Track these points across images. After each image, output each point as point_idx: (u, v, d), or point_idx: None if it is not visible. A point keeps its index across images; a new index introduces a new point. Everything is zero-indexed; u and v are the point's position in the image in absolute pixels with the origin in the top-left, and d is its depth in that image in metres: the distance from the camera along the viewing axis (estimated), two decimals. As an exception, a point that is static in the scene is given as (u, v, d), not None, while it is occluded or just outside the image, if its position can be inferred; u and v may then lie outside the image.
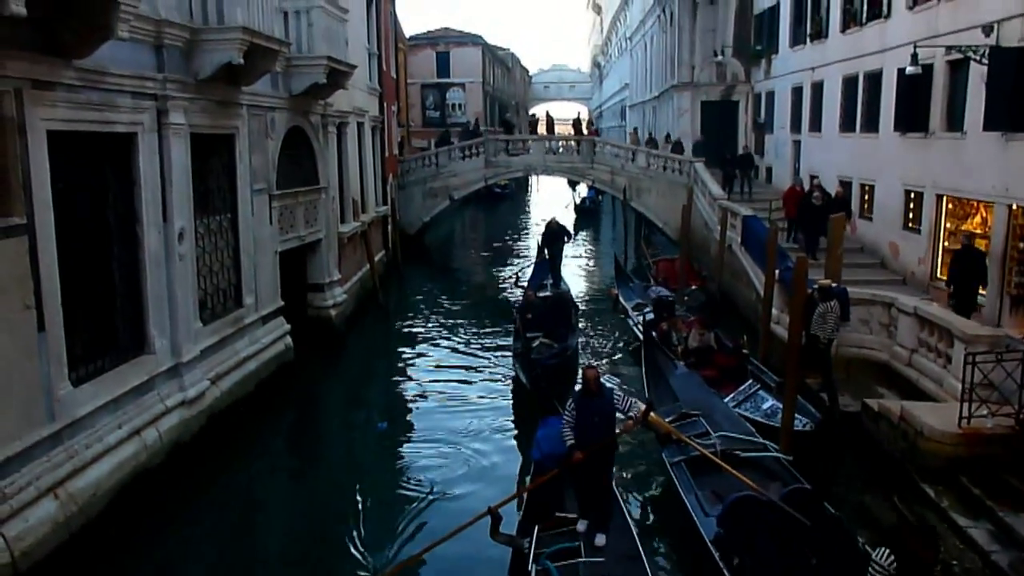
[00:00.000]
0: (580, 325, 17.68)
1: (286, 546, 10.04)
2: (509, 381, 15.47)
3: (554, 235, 23.13)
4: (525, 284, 20.61)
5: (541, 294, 18.78)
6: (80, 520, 8.74)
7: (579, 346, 16.53)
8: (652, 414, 10.45)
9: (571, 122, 38.03)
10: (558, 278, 22.37)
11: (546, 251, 23.14)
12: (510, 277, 26.32)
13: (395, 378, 16.60)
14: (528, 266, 24.97)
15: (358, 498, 10.90)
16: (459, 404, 14.58)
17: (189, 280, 11.69)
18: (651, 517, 10.55)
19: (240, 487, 11.40)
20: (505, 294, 24.26)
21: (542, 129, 41.33)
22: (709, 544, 8.06)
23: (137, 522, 9.57)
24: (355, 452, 13.16)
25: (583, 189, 46.95)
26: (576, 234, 25.11)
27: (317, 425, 14.33)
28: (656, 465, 11.02)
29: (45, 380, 8.56)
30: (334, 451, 13.26)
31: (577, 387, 9.91)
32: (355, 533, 9.91)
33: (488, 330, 19.64)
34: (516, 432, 13.21)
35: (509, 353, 16.50)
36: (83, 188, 9.59)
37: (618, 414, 8.69)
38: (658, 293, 18.63)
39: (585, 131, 36.14)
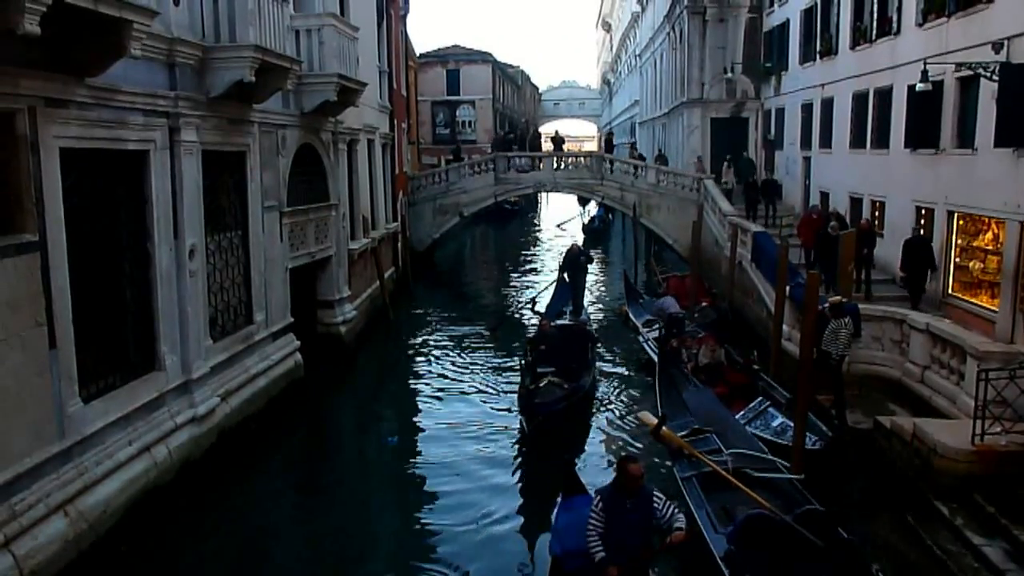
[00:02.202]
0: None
1: (296, 565, 9.99)
2: (517, 405, 15.06)
3: (575, 261, 21.97)
4: (542, 311, 19.79)
5: (558, 322, 17.91)
6: (90, 538, 8.72)
7: (595, 384, 15.67)
8: (664, 428, 10.42)
9: (604, 138, 37.48)
10: (579, 307, 21.14)
11: (566, 276, 21.95)
12: (521, 297, 26.14)
13: (405, 395, 16.57)
14: (544, 291, 24.43)
15: (368, 517, 10.86)
16: (468, 423, 14.46)
17: (200, 297, 11.72)
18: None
19: (250, 504, 11.35)
20: (515, 312, 24.12)
21: (547, 146, 41.37)
22: (719, 561, 7.98)
23: (147, 540, 9.53)
24: (365, 469, 13.12)
25: (593, 207, 46.87)
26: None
27: (327, 442, 14.31)
28: (666, 480, 10.95)
29: (56, 397, 8.56)
30: (344, 468, 13.21)
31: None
32: (366, 553, 9.88)
33: (497, 350, 19.53)
34: (523, 461, 12.81)
35: (518, 372, 16.05)
36: (95, 205, 9.64)
37: (658, 522, 7.11)
38: (667, 309, 18.49)
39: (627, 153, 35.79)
